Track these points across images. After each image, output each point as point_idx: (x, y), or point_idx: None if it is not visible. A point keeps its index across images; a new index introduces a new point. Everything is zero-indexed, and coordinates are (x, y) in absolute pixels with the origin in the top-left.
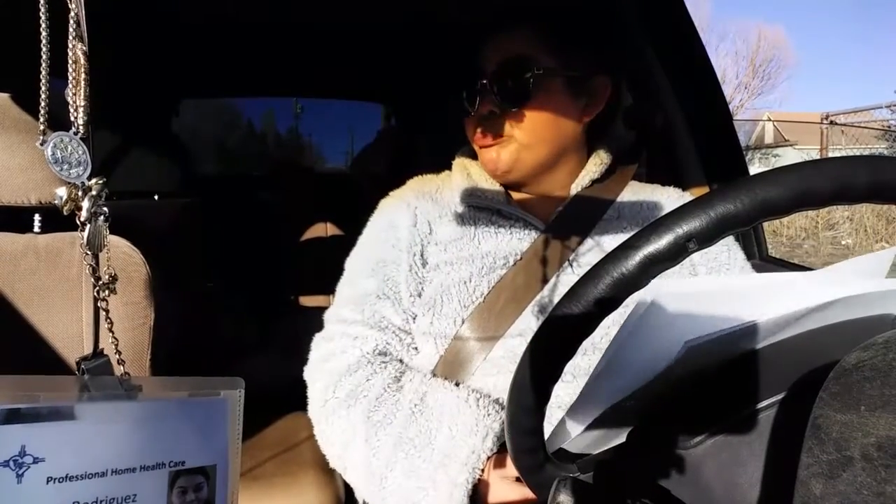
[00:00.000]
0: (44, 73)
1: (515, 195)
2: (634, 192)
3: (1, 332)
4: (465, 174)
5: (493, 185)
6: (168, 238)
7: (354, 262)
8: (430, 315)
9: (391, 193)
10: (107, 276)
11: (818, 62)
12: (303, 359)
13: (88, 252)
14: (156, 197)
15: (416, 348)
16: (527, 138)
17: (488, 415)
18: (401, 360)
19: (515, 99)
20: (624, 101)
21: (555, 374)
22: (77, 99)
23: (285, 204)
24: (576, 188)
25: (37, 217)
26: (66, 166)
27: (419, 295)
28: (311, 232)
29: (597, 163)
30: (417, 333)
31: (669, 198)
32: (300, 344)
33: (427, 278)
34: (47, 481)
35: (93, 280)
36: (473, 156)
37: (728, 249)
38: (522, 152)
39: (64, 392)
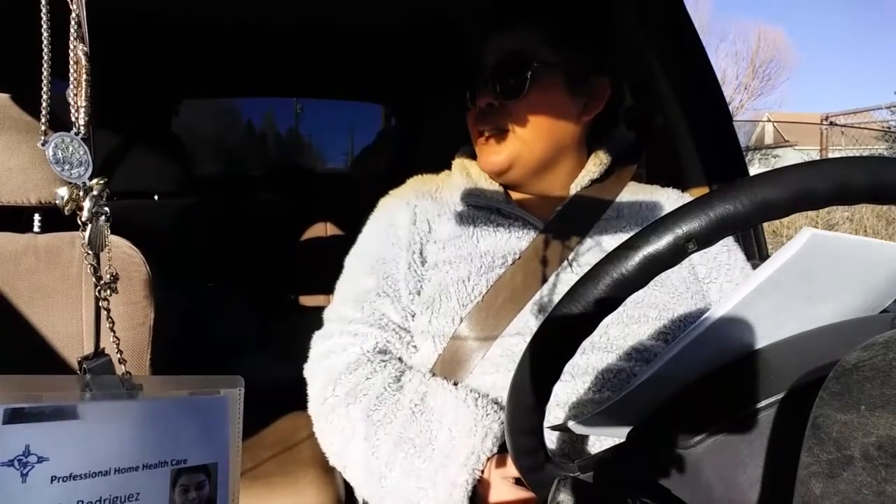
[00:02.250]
0: (45, 73)
1: (515, 195)
2: (634, 192)
3: (1, 331)
4: (464, 174)
5: (492, 185)
6: (168, 238)
7: (354, 260)
8: (429, 314)
9: (391, 192)
10: (108, 276)
11: (818, 63)
12: (303, 358)
13: (90, 252)
14: (156, 197)
15: (415, 346)
16: (524, 134)
17: (487, 415)
18: (400, 359)
19: (513, 91)
20: (626, 102)
21: (555, 374)
22: (78, 100)
23: (285, 204)
24: (575, 188)
25: (37, 217)
26: (67, 166)
27: (418, 293)
28: (311, 232)
29: (596, 163)
30: (416, 332)
31: (669, 198)
32: (300, 344)
33: (426, 277)
34: (51, 480)
35: (94, 280)
36: (473, 156)
37: (728, 250)
38: (520, 149)
39: (66, 391)
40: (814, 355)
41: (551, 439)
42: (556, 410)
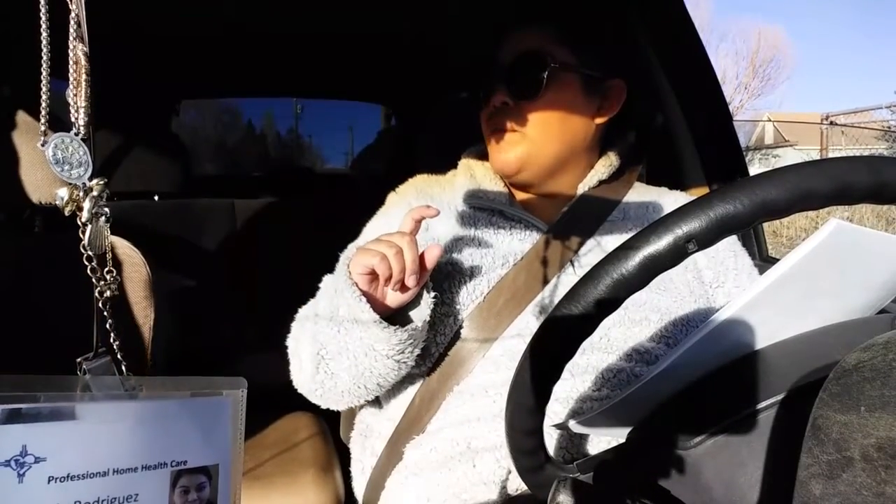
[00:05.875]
0: (44, 73)
1: (519, 196)
2: (640, 194)
3: (1, 331)
4: (468, 174)
5: (496, 186)
6: (168, 238)
7: (349, 252)
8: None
9: (397, 189)
10: (108, 277)
11: (818, 62)
12: None
13: (90, 252)
14: (156, 197)
15: None
16: (537, 134)
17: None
18: None
19: (528, 91)
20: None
21: (555, 375)
22: (78, 100)
23: (285, 204)
24: (583, 188)
25: (37, 217)
26: (67, 167)
27: None
28: (311, 233)
29: (606, 164)
30: (412, 314)
31: (676, 201)
32: None
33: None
34: (48, 481)
35: (93, 280)
36: (479, 156)
37: (735, 255)
38: (532, 150)
39: (65, 392)
40: (814, 356)
41: (551, 439)
42: (555, 406)
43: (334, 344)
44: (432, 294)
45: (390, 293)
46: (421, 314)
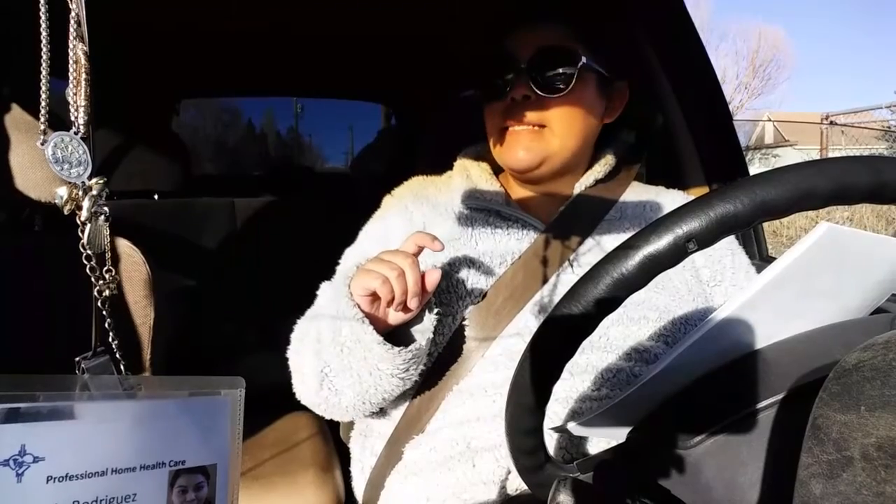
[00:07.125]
0: (44, 73)
1: (516, 195)
2: (638, 193)
3: (1, 331)
4: (464, 175)
5: (492, 186)
6: (168, 237)
7: (347, 256)
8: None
9: (393, 192)
10: (107, 276)
11: (818, 62)
12: None
13: (89, 252)
14: (156, 197)
15: None
16: (560, 128)
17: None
18: None
19: (555, 86)
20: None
21: (555, 374)
22: (78, 99)
23: (285, 203)
24: (579, 187)
25: (37, 217)
26: (66, 166)
27: None
28: (311, 232)
29: (602, 164)
30: (415, 331)
31: (674, 200)
32: None
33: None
34: (47, 480)
35: (93, 280)
36: (476, 156)
37: (732, 254)
38: (555, 144)
39: (64, 391)
40: (814, 355)
41: (551, 439)
42: (555, 406)
43: (337, 362)
44: (435, 311)
45: (392, 313)
46: (424, 332)
